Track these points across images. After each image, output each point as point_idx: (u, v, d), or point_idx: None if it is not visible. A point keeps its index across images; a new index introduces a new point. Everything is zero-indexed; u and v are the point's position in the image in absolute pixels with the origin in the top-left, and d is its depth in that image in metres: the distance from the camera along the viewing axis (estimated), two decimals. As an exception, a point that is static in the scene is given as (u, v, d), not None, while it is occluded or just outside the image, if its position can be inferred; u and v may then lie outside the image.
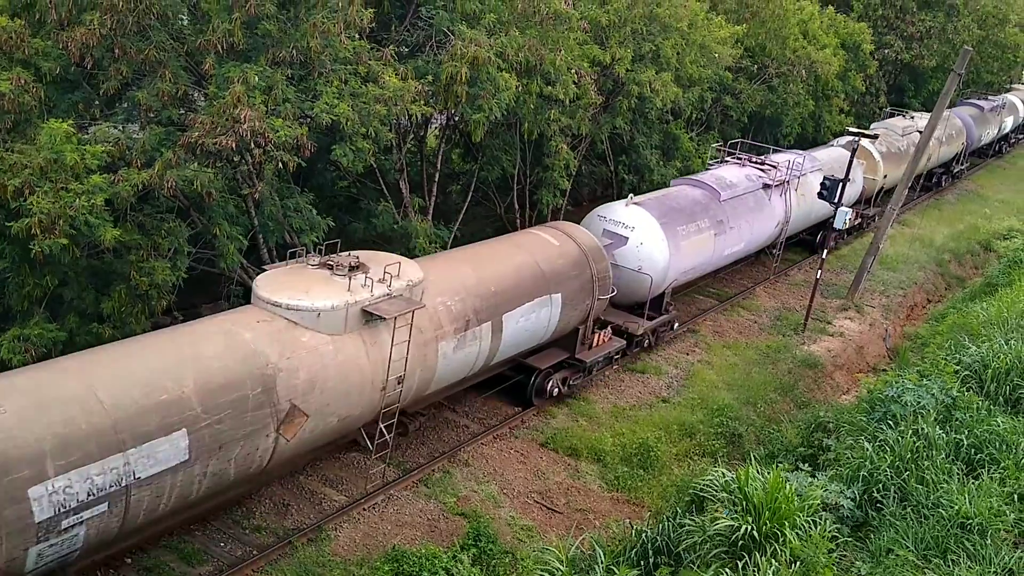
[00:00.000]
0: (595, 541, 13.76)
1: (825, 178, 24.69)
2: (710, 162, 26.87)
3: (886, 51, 43.91)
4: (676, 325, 22.81)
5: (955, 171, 44.27)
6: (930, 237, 34.63)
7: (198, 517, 13.49)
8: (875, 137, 29.50)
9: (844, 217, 24.42)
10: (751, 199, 25.07)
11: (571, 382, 19.02)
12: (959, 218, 38.36)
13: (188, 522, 13.39)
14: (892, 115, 39.96)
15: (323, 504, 14.65)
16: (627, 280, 20.77)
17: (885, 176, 33.35)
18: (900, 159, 34.14)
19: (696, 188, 23.93)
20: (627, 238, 20.94)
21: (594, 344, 19.31)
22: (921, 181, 40.40)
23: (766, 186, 25.63)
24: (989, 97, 49.82)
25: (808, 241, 30.82)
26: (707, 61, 27.29)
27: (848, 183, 24.22)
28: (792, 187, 26.66)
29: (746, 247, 25.42)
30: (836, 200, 24.01)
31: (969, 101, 48.54)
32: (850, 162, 24.88)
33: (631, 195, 21.75)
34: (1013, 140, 58.92)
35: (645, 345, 21.66)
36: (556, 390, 18.66)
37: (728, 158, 27.00)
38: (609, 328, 20.07)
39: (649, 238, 20.91)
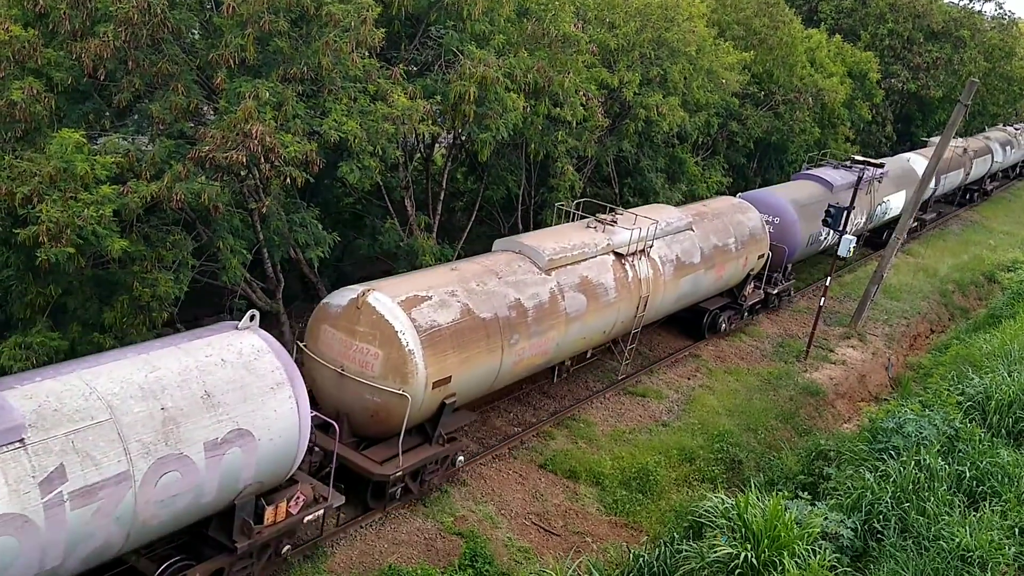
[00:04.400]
0: (592, 565, 13.70)
1: (830, 205, 24.71)
2: None
3: (892, 81, 44.15)
4: None
5: (757, 301, 25.29)
6: (934, 267, 34.62)
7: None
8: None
9: (848, 245, 24.38)
10: None
11: None
12: (963, 249, 38.36)
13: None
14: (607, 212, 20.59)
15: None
16: None
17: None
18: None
19: None
20: None
21: None
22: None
23: None
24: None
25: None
26: (714, 86, 27.44)
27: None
28: None
29: None
30: (840, 228, 24.03)
31: (812, 172, 29.42)
32: None
33: None
34: (915, 224, 36.83)
35: None
36: None
37: None
38: None
39: None
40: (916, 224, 38.04)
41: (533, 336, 16.60)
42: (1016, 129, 52.69)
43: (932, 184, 35.52)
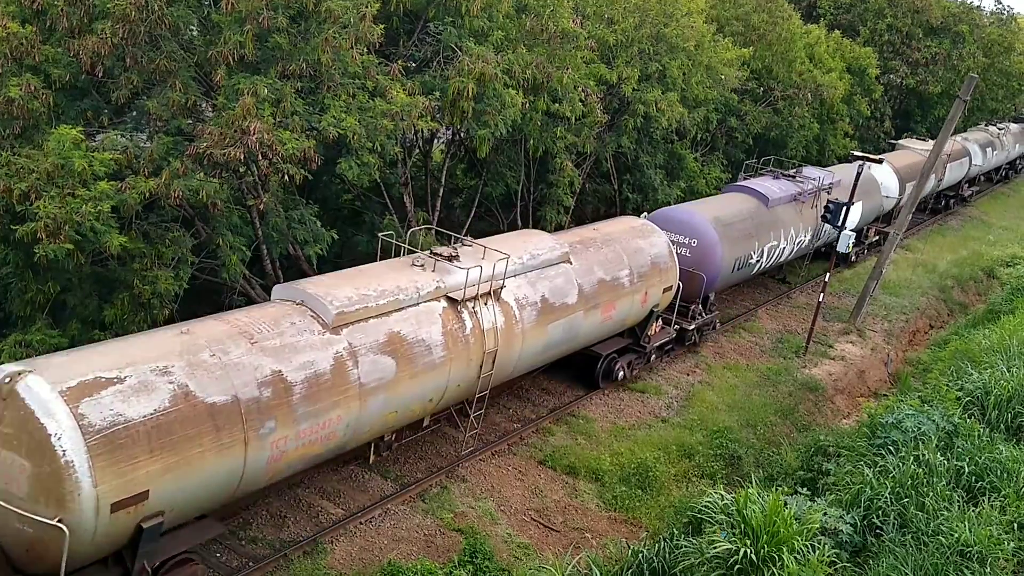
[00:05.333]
0: (592, 560, 13.71)
1: (829, 201, 24.71)
2: None
3: (891, 76, 44.14)
4: None
5: (668, 341, 21.48)
6: (933, 263, 34.63)
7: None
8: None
9: (847, 241, 24.40)
10: None
11: None
12: (962, 244, 38.38)
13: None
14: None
15: (320, 517, 14.59)
16: None
17: None
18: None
19: None
20: None
21: None
22: None
23: None
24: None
25: None
26: (713, 82, 27.43)
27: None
28: None
29: None
30: (840, 224, 24.06)
31: (746, 184, 25.95)
32: None
33: None
34: (876, 238, 33.53)
35: None
36: None
37: None
38: None
39: None
40: (877, 238, 33.50)
41: (303, 420, 12.26)
42: (999, 129, 49.64)
43: (897, 194, 32.71)
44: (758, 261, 24.57)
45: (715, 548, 12.36)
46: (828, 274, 25.62)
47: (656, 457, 17.74)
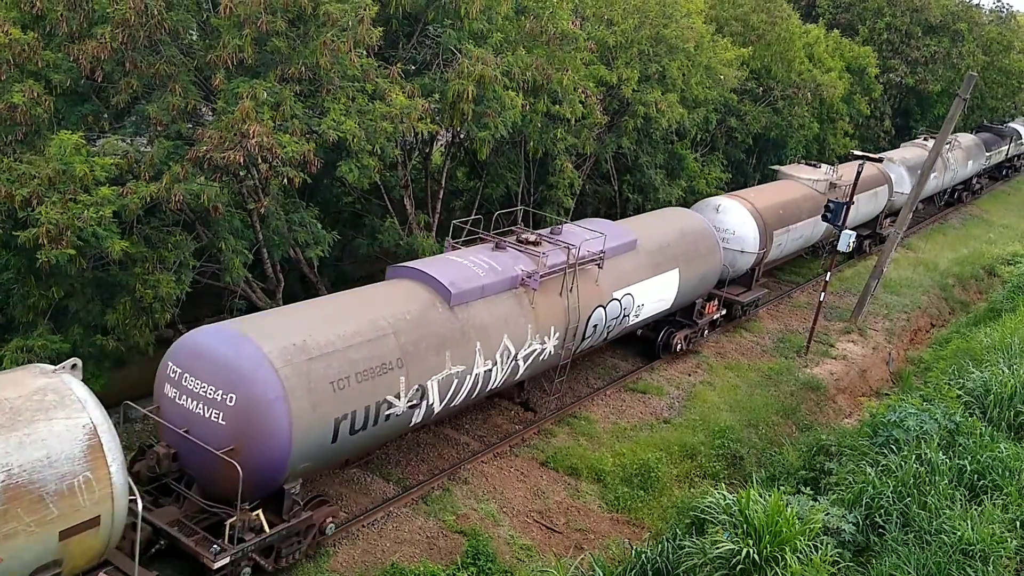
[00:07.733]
0: (594, 561, 13.72)
1: (830, 201, 24.73)
2: None
3: (891, 75, 44.14)
4: None
5: None
6: (934, 261, 34.63)
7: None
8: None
9: (848, 240, 24.43)
10: None
11: None
12: (963, 243, 38.37)
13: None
14: None
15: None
16: None
17: None
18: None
19: None
20: None
21: None
22: None
23: None
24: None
25: None
26: (713, 82, 27.44)
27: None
28: None
29: None
30: (840, 223, 24.07)
31: (420, 267, 15.45)
32: None
33: None
34: (719, 316, 22.96)
35: None
36: None
37: None
38: None
39: None
40: (719, 316, 23.71)
41: None
42: (945, 144, 34.16)
43: (757, 248, 23.65)
44: (413, 407, 13.82)
45: (718, 548, 12.37)
46: (828, 273, 25.62)
47: (658, 457, 17.74)
